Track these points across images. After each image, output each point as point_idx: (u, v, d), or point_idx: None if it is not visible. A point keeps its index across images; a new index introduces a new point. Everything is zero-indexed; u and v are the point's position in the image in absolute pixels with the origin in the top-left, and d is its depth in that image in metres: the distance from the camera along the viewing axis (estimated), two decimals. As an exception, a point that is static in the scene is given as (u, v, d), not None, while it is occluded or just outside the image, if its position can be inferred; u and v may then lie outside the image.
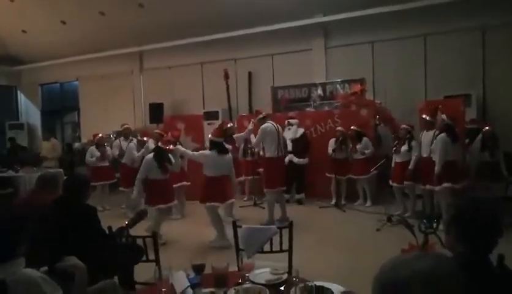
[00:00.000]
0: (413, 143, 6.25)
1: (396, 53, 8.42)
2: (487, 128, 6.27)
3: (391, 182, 6.51)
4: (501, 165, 5.97)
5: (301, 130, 7.65)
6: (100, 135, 7.94)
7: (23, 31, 11.14)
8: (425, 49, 8.21)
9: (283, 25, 8.98)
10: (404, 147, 6.29)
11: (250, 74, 9.99)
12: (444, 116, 5.70)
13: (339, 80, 8.57)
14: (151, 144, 6.96)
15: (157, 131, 7.25)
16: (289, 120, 7.65)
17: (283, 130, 6.81)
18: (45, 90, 13.77)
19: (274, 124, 6.13)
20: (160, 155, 5.39)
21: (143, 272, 2.93)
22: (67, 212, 2.90)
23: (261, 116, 6.21)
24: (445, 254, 1.13)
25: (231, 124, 7.80)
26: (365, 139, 7.17)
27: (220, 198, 5.25)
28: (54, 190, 3.56)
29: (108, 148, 7.92)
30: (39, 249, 2.31)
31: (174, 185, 6.62)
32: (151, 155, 5.48)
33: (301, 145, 7.50)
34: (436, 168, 5.51)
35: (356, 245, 5.20)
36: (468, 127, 6.64)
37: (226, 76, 9.36)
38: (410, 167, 6.16)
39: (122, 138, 7.76)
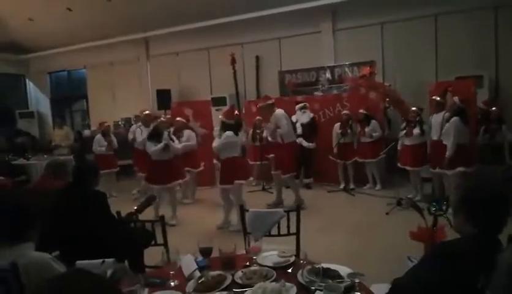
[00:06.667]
0: (425, 127, 6.16)
1: (406, 34, 8.22)
2: (494, 108, 6.15)
3: (400, 165, 6.44)
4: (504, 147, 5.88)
5: (311, 115, 7.62)
6: (106, 123, 7.93)
7: (30, 19, 11.11)
8: (436, 29, 8.01)
9: (291, 8, 8.80)
10: (416, 130, 6.19)
11: (257, 58, 9.88)
12: (456, 99, 5.60)
13: (348, 63, 8.45)
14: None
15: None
16: (304, 103, 7.61)
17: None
18: (53, 78, 13.85)
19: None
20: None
21: (152, 255, 2.96)
22: (77, 198, 2.94)
23: (270, 101, 6.17)
24: None
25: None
26: (373, 122, 7.09)
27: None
28: (62, 176, 3.61)
29: (113, 137, 7.88)
30: (49, 234, 2.34)
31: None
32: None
33: (311, 129, 7.48)
34: (449, 153, 5.43)
35: (365, 229, 5.19)
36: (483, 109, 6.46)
37: (233, 61, 9.25)
38: (428, 151, 6.09)
39: (139, 124, 7.28)
